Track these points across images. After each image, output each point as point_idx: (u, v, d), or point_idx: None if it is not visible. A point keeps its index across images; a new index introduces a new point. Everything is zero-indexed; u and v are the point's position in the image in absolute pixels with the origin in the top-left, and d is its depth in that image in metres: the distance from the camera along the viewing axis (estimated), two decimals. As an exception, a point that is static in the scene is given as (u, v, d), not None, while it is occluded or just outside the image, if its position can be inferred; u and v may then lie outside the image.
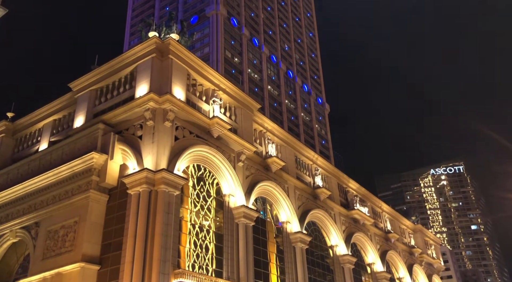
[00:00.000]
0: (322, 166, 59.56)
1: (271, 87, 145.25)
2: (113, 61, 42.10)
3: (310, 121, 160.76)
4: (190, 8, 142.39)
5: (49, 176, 38.92)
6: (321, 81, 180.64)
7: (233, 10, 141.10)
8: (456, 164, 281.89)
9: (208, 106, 42.52)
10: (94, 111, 42.27)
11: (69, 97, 45.59)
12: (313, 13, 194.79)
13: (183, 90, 39.77)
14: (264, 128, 50.67)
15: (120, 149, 37.14)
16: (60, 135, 45.32)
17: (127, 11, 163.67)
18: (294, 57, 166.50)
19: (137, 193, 34.46)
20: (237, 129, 45.22)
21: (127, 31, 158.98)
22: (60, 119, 46.81)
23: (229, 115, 45.07)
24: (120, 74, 41.81)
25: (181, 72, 40.36)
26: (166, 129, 37.19)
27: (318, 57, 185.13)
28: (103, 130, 37.89)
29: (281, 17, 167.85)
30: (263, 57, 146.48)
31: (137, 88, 39.13)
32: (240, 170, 43.69)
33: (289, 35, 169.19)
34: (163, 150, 36.14)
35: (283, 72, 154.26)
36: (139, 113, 37.60)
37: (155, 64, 39.44)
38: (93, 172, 36.32)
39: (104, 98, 42.28)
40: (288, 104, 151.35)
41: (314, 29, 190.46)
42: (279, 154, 51.59)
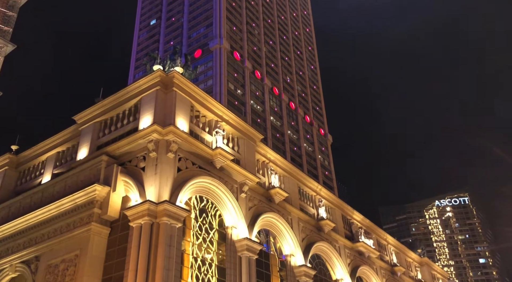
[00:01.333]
0: (325, 197, 59.02)
1: (274, 118, 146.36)
2: (117, 93, 42.73)
3: (313, 152, 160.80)
4: (194, 42, 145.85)
5: (51, 208, 38.66)
6: (323, 112, 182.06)
7: (236, 44, 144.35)
8: (461, 195, 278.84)
9: (211, 137, 42.74)
10: (98, 143, 42.51)
11: (73, 129, 45.99)
12: (314, 47, 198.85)
13: (186, 121, 40.12)
14: (267, 158, 50.64)
15: (122, 181, 37.07)
16: (63, 168, 45.38)
17: (132, 45, 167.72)
18: (296, 88, 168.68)
19: (139, 226, 34.09)
20: (240, 160, 45.21)
21: (132, 65, 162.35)
22: (63, 152, 47.01)
23: (232, 146, 45.20)
24: (125, 106, 42.33)
25: (184, 104, 40.85)
26: (169, 160, 37.23)
27: (320, 88, 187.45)
28: (106, 162, 37.95)
29: (283, 50, 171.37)
30: (266, 89, 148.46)
31: (141, 120, 39.51)
32: (243, 202, 43.32)
33: (291, 68, 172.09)
34: (166, 182, 36.03)
35: (285, 104, 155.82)
36: (143, 145, 37.78)
37: (159, 96, 39.99)
38: (95, 204, 36.09)
39: (108, 130, 42.63)
40: (291, 134, 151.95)
41: (315, 62, 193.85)
42: (282, 185, 51.28)
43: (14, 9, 67.41)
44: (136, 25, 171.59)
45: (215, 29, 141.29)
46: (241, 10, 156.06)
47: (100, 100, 44.21)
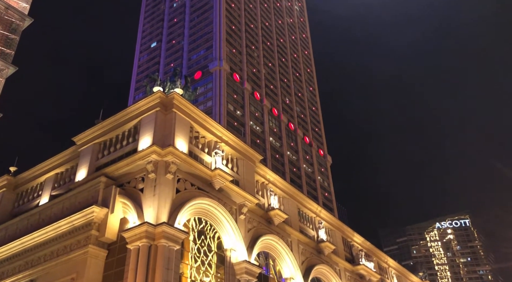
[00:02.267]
0: (325, 219, 58.50)
1: (273, 139, 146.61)
2: (117, 115, 42.91)
3: (313, 173, 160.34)
4: (194, 64, 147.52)
5: (48, 231, 38.23)
6: (322, 133, 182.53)
7: (235, 66, 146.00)
8: (462, 217, 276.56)
9: (210, 158, 42.69)
10: (97, 164, 42.40)
11: (72, 150, 45.96)
12: (313, 69, 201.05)
13: (185, 142, 40.15)
14: (266, 179, 50.45)
15: (121, 203, 36.80)
16: (61, 189, 45.12)
17: (133, 67, 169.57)
18: (295, 110, 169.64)
19: (136, 248, 33.64)
20: (239, 181, 45.02)
21: (132, 87, 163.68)
22: (62, 173, 46.84)
23: (231, 167, 45.09)
24: (124, 127, 42.44)
25: (184, 125, 40.98)
26: (168, 181, 37.07)
27: (319, 109, 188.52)
28: (105, 184, 37.77)
29: (282, 72, 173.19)
30: (265, 110, 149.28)
31: (140, 141, 39.54)
32: (242, 223, 42.90)
33: (290, 89, 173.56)
34: (164, 203, 35.77)
35: (284, 125, 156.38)
36: (142, 166, 37.69)
37: (159, 117, 40.15)
38: (93, 226, 35.72)
39: (107, 151, 42.59)
40: (290, 155, 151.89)
41: (314, 84, 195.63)
42: (282, 206, 50.91)
43: (16, 32, 68.39)
44: (137, 48, 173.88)
45: (215, 51, 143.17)
46: (241, 33, 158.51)
47: (100, 121, 44.36)
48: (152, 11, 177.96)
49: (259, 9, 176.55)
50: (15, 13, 67.46)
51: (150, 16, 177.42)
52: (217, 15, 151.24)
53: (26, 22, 69.97)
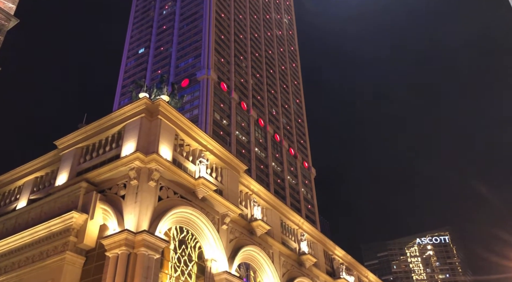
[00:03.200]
0: (308, 231, 58.45)
1: (258, 149, 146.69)
2: (101, 120, 42.36)
3: (297, 185, 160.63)
4: (182, 72, 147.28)
5: (24, 236, 37.20)
6: (307, 145, 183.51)
7: (223, 75, 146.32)
8: (442, 234, 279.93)
9: (195, 166, 42.37)
10: (78, 169, 41.66)
11: (53, 154, 45.09)
12: (300, 81, 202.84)
13: (170, 150, 39.81)
14: (250, 190, 50.27)
15: (101, 209, 36.14)
16: (40, 193, 44.11)
17: (119, 72, 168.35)
18: (281, 121, 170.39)
19: (115, 256, 32.97)
20: (223, 191, 44.74)
21: (117, 92, 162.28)
22: (42, 177, 45.84)
23: (215, 176, 44.81)
24: (108, 133, 41.90)
25: (169, 132, 40.67)
26: (150, 189, 36.61)
27: (305, 122, 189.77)
28: (86, 189, 37.09)
29: (269, 83, 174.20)
30: (251, 120, 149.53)
31: (123, 147, 39.05)
32: (224, 234, 42.52)
33: (277, 101, 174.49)
34: (146, 211, 35.26)
35: (270, 135, 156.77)
36: (124, 172, 37.16)
37: (144, 124, 39.78)
38: (71, 232, 34.92)
39: (89, 156, 41.92)
40: (275, 166, 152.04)
41: (300, 96, 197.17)
42: (265, 217, 50.70)
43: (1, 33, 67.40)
44: (124, 53, 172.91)
45: (203, 60, 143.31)
46: (230, 43, 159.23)
47: (83, 126, 43.73)
48: (141, 17, 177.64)
49: (248, 20, 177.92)
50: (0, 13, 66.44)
51: (139, 22, 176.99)
52: (206, 24, 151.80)
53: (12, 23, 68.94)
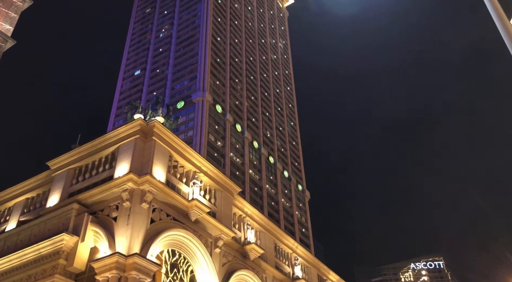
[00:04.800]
0: (302, 255, 57.74)
1: (253, 171, 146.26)
2: (95, 141, 42.22)
3: (291, 208, 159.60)
4: (177, 94, 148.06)
5: (12, 259, 36.39)
6: (302, 168, 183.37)
7: (218, 97, 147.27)
8: (436, 259, 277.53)
9: (188, 188, 42.08)
10: (70, 191, 41.19)
11: (45, 175, 44.65)
12: (294, 104, 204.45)
13: (164, 171, 39.59)
14: (244, 212, 49.84)
15: (92, 231, 35.55)
16: (31, 215, 43.42)
17: (115, 94, 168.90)
18: (276, 143, 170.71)
19: (105, 279, 32.25)
20: (216, 213, 44.32)
21: (112, 113, 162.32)
22: (33, 198, 45.24)
23: (208, 198, 44.47)
24: (101, 154, 41.68)
25: (163, 153, 40.56)
26: (143, 211, 36.20)
27: (299, 144, 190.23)
28: (77, 211, 36.59)
29: (264, 106, 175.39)
30: (246, 142, 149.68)
31: (117, 168, 38.79)
32: (216, 257, 41.87)
33: (271, 123, 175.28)
34: (138, 233, 34.75)
35: (264, 158, 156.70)
36: (117, 194, 36.79)
37: (138, 145, 39.68)
38: (61, 255, 34.22)
39: (82, 177, 41.55)
40: (269, 189, 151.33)
41: (295, 119, 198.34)
42: (258, 240, 50.11)
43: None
44: (120, 75, 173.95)
45: (199, 82, 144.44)
46: (225, 66, 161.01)
47: (77, 146, 43.53)
48: (138, 39, 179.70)
49: (244, 44, 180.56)
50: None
51: (135, 45, 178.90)
52: (202, 47, 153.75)
53: (9, 44, 69.70)
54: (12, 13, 71.64)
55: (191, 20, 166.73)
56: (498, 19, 12.48)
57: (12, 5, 72.18)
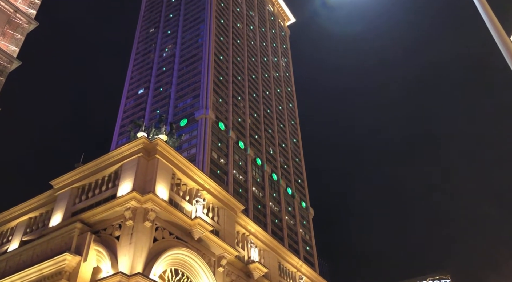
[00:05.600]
0: (306, 274, 56.96)
1: (256, 188, 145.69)
2: (99, 159, 42.34)
3: (295, 225, 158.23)
4: (180, 112, 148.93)
5: (14, 279, 36.10)
6: (305, 185, 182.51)
7: (221, 115, 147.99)
8: (443, 277, 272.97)
9: (191, 206, 41.90)
10: (73, 210, 41.11)
11: (49, 194, 44.65)
12: (297, 121, 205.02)
13: (166, 189, 39.52)
14: (248, 231, 49.44)
15: (95, 250, 35.32)
16: (33, 235, 43.24)
17: (118, 112, 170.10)
18: (279, 160, 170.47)
19: (107, 300, 31.88)
20: (219, 231, 43.99)
21: (116, 132, 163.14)
22: (36, 217, 45.13)
23: (211, 216, 44.22)
24: (104, 172, 41.74)
25: (166, 171, 40.56)
26: (146, 229, 35.99)
27: (302, 161, 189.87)
28: (80, 230, 36.45)
29: (267, 123, 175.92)
30: (249, 159, 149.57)
31: (120, 187, 38.77)
32: (220, 276, 41.36)
33: (274, 140, 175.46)
34: (140, 252, 34.47)
35: (267, 175, 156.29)
36: (120, 213, 36.67)
37: (141, 163, 39.74)
38: (63, 275, 33.91)
39: (85, 196, 41.52)
40: (273, 206, 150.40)
41: (298, 136, 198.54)
42: (262, 259, 49.55)
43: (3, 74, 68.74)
44: (124, 93, 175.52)
45: (201, 100, 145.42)
46: (228, 84, 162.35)
47: (80, 165, 43.63)
48: (142, 59, 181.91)
49: (246, 63, 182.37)
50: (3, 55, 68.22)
51: (139, 64, 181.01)
52: (205, 66, 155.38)
53: (14, 65, 70.73)
54: (18, 34, 72.88)
55: (194, 39, 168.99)
56: (498, 36, 12.61)
57: (18, 26, 73.48)
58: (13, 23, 72.25)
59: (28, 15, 74.96)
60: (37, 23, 75.59)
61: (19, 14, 73.25)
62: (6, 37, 71.11)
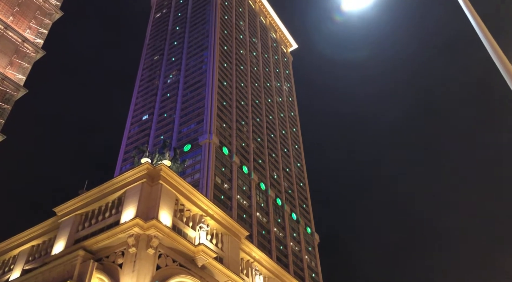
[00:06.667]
0: (313, 301, 55.67)
1: (260, 214, 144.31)
2: (102, 186, 42.29)
3: (300, 252, 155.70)
4: (184, 137, 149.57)
5: (14, 308, 35.47)
6: (310, 210, 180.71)
7: (225, 139, 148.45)
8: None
9: (195, 232, 41.46)
10: (76, 237, 40.76)
11: (52, 222, 44.41)
12: (300, 145, 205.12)
13: (170, 215, 39.23)
14: (252, 257, 48.68)
15: (97, 278, 34.79)
16: (36, 263, 42.75)
17: (123, 139, 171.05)
18: (283, 185, 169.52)
19: (109, 331, 31.14)
20: (223, 258, 43.33)
21: (120, 158, 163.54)
22: (38, 245, 44.73)
23: (215, 243, 43.66)
24: (108, 199, 41.60)
25: (169, 197, 40.37)
26: (149, 256, 35.52)
27: (306, 186, 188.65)
28: (83, 257, 36.02)
29: (270, 147, 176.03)
30: (253, 184, 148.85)
31: (123, 213, 38.54)
32: (224, 305, 40.47)
33: (278, 164, 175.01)
34: (143, 280, 33.91)
35: (272, 200, 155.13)
36: (123, 239, 36.31)
37: (145, 189, 39.63)
38: (65, 304, 33.32)
39: (88, 223, 41.25)
40: (277, 232, 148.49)
41: (302, 160, 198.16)
42: (267, 286, 48.57)
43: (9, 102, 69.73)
44: (128, 120, 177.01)
45: (205, 125, 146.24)
46: (232, 109, 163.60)
47: (84, 192, 43.57)
48: (147, 85, 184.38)
49: (250, 88, 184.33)
50: (10, 84, 69.51)
51: (144, 90, 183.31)
52: (209, 91, 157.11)
53: (21, 93, 71.96)
54: (25, 63, 74.35)
55: (198, 66, 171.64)
56: (498, 60, 12.72)
57: (26, 56, 75.05)
58: (20, 52, 73.84)
59: (36, 44, 76.67)
60: (44, 52, 77.21)
61: (27, 43, 74.97)
62: (14, 66, 72.54)
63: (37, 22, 78.54)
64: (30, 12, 77.81)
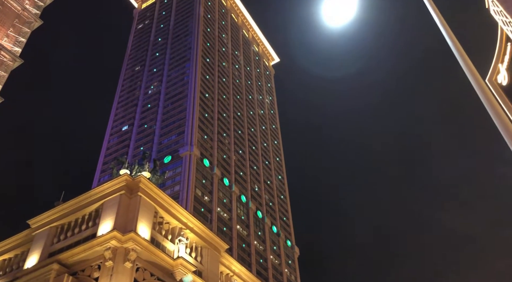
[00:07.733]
0: (292, 315, 55.26)
1: (240, 227, 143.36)
2: (79, 197, 41.38)
3: (280, 265, 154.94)
4: (164, 149, 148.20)
5: (-17, 325, 34.06)
6: (290, 223, 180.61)
7: (206, 151, 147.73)
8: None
9: (174, 245, 40.83)
10: (51, 250, 39.59)
11: (25, 234, 43.07)
12: (282, 158, 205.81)
13: (148, 228, 38.58)
14: (231, 271, 48.16)
15: (71, 294, 33.79)
16: (6, 278, 41.25)
17: (101, 150, 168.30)
18: (264, 197, 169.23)
19: None
20: (202, 272, 42.73)
21: (98, 169, 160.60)
22: (10, 259, 43.25)
23: (194, 256, 43.07)
24: (85, 211, 40.69)
25: (148, 209, 39.76)
26: (126, 270, 34.73)
27: (287, 198, 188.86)
28: (57, 271, 34.98)
29: (252, 159, 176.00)
30: (233, 197, 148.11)
31: (100, 226, 37.71)
32: (203, 320, 39.77)
33: (259, 177, 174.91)
34: (120, 295, 33.08)
35: (252, 212, 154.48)
36: (99, 252, 35.45)
37: (123, 201, 38.94)
38: (36, 320, 32.16)
39: (63, 235, 40.16)
40: (257, 245, 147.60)
41: (283, 172, 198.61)
42: (247, 300, 48.05)
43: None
44: (108, 130, 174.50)
45: (186, 136, 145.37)
46: (213, 121, 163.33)
47: (60, 203, 42.52)
48: (127, 96, 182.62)
49: (232, 100, 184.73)
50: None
51: (124, 101, 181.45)
52: (190, 103, 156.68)
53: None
54: (2, 72, 72.96)
55: (179, 77, 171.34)
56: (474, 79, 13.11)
57: (2, 64, 73.77)
58: (-3, 61, 72.48)
59: (13, 53, 75.37)
60: (22, 61, 75.94)
61: (4, 52, 73.67)
62: (-10, 75, 71.03)
63: (15, 30, 77.31)
64: (8, 20, 76.62)
